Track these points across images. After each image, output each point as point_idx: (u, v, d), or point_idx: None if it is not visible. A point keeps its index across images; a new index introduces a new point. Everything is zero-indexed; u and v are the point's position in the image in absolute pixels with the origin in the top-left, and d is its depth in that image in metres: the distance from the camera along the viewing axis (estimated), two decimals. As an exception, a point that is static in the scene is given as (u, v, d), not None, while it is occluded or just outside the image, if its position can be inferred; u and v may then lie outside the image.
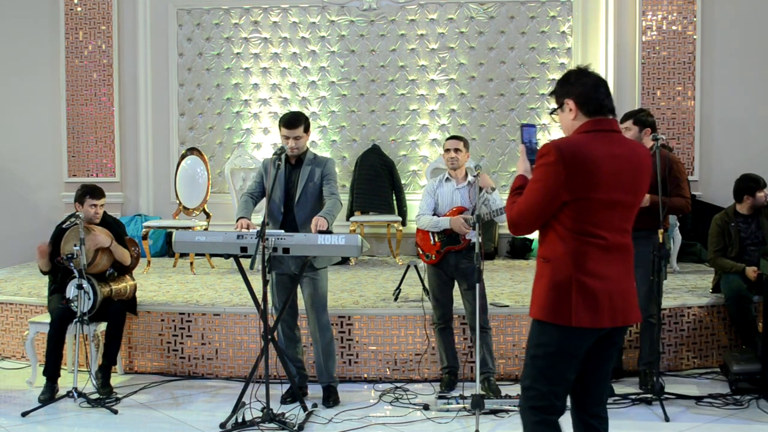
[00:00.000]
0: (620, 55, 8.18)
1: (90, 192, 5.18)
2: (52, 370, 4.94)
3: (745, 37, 8.05)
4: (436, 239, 5.08)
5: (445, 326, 5.15)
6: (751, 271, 5.42)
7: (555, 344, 2.83)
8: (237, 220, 4.77)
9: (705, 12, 8.05)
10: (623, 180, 2.82)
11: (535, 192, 2.81)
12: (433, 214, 5.15)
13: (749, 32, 8.05)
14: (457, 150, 5.07)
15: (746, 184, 5.68)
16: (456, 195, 5.08)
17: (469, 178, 5.09)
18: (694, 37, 8.05)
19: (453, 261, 5.01)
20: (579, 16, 8.30)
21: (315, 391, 4.97)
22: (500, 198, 4.97)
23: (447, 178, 5.15)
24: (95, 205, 5.17)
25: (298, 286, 4.86)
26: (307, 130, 4.87)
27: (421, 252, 5.21)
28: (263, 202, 4.87)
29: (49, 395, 4.88)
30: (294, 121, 4.83)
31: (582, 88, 2.86)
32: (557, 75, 8.33)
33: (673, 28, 8.08)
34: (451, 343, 5.17)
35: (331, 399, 4.85)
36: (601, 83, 2.89)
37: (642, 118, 4.93)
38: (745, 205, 5.68)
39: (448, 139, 5.22)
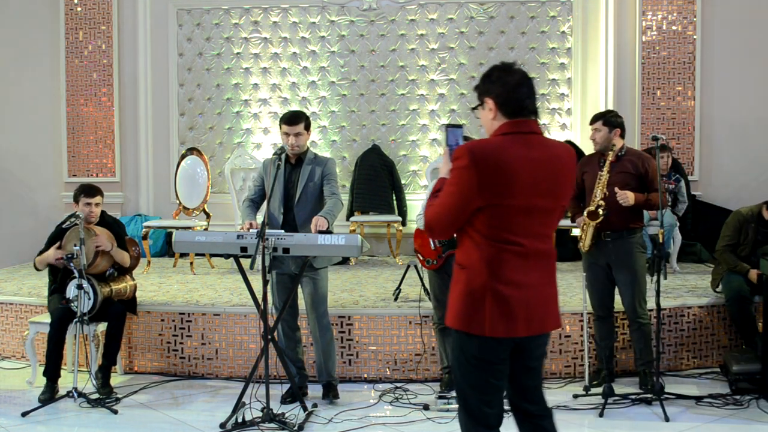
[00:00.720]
0: (620, 55, 8.18)
1: (84, 191, 5.17)
2: (52, 371, 4.94)
3: (745, 37, 8.05)
4: (437, 244, 5.05)
5: (445, 326, 5.12)
6: (754, 274, 5.40)
7: (474, 353, 2.75)
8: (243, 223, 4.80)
9: (705, 12, 8.04)
10: (541, 185, 2.72)
11: (450, 196, 2.71)
12: None
13: (749, 32, 8.05)
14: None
15: None
16: None
17: None
18: (694, 37, 8.05)
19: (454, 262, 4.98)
20: (579, 16, 8.30)
21: (315, 391, 4.98)
22: None
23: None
24: (89, 204, 5.14)
25: (299, 286, 4.86)
26: (307, 128, 4.88)
27: (421, 258, 5.12)
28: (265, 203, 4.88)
29: (49, 395, 4.87)
30: (295, 118, 4.85)
31: (503, 88, 2.75)
32: (557, 75, 8.34)
33: (673, 28, 8.08)
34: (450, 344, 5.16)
35: (330, 393, 4.86)
36: (524, 82, 2.77)
37: (611, 119, 4.99)
38: None
39: None
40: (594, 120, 5.04)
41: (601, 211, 4.82)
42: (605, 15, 8.22)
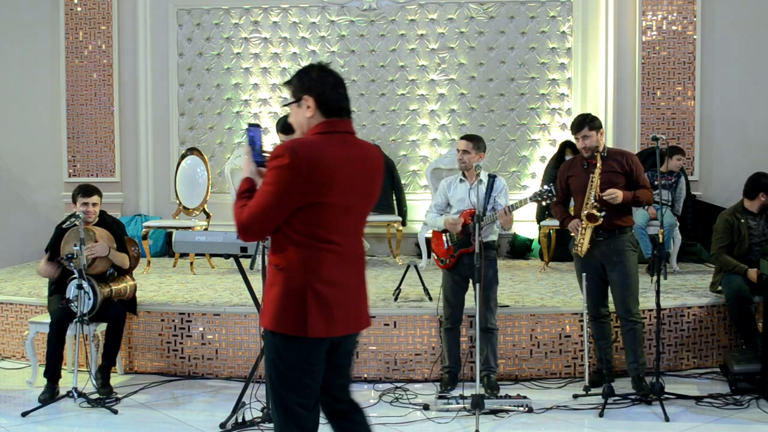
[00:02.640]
0: (620, 55, 8.18)
1: (82, 191, 5.16)
2: (52, 372, 4.94)
3: (745, 37, 8.05)
4: (449, 243, 5.07)
5: (451, 327, 5.13)
6: (753, 273, 5.41)
7: (296, 356, 2.70)
8: None
9: (705, 12, 8.04)
10: (358, 184, 2.76)
11: (269, 195, 2.64)
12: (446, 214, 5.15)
13: (749, 32, 8.05)
14: (464, 151, 5.03)
15: (765, 182, 5.62)
16: (471, 195, 4.97)
17: (481, 176, 5.06)
18: (694, 37, 8.05)
19: (467, 261, 4.98)
20: (579, 16, 8.30)
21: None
22: (506, 202, 4.95)
23: (461, 179, 5.10)
24: (87, 204, 5.13)
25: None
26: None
27: (436, 258, 5.19)
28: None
29: (49, 395, 4.87)
30: (289, 126, 4.79)
31: (323, 87, 2.78)
32: (557, 75, 8.34)
33: (673, 28, 8.08)
34: (456, 345, 5.16)
35: None
36: (341, 84, 2.83)
37: (595, 123, 4.98)
38: (756, 203, 5.62)
39: (460, 138, 5.21)
40: (579, 128, 4.94)
41: (598, 213, 4.81)
42: (605, 15, 8.22)
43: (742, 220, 5.59)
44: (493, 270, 5.00)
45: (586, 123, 4.94)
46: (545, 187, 4.79)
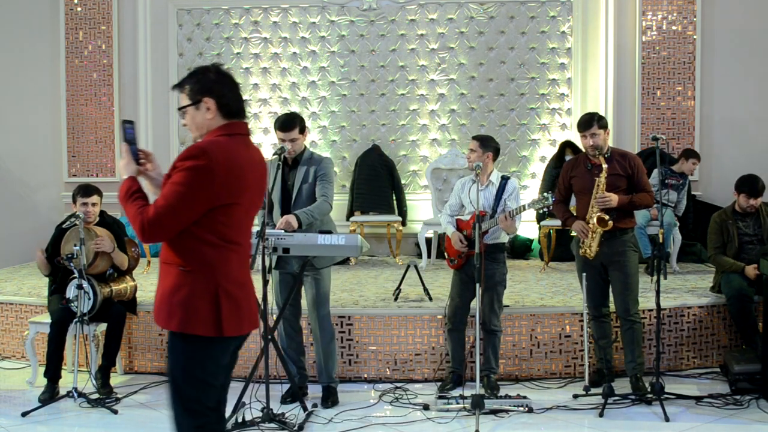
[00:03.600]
0: (620, 55, 8.18)
1: (81, 190, 5.17)
2: (53, 372, 4.94)
3: (745, 37, 8.05)
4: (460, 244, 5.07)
5: (453, 328, 5.13)
6: (751, 269, 5.43)
7: (207, 356, 2.70)
8: None
9: (705, 12, 8.04)
10: (258, 185, 2.83)
11: (181, 196, 2.59)
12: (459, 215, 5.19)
13: (749, 32, 8.05)
14: (471, 150, 5.05)
15: (738, 183, 5.67)
16: (481, 197, 4.91)
17: (492, 177, 5.06)
18: (694, 37, 8.05)
19: (477, 262, 4.96)
20: (579, 16, 8.30)
21: (315, 391, 4.97)
22: (517, 204, 4.94)
23: (473, 180, 5.04)
24: (86, 203, 5.13)
25: (301, 286, 4.87)
26: (302, 131, 4.82)
27: (447, 257, 5.22)
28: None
29: (49, 395, 4.87)
30: (288, 124, 4.79)
31: (223, 89, 2.76)
32: (557, 75, 8.34)
33: (673, 28, 8.08)
34: (460, 346, 5.15)
35: (329, 399, 4.85)
36: (237, 85, 2.81)
37: (603, 122, 4.99)
38: (739, 203, 5.68)
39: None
40: (587, 126, 4.91)
41: (607, 217, 4.80)
42: (605, 15, 8.22)
43: (730, 221, 5.63)
44: (501, 272, 4.99)
45: (594, 121, 4.93)
46: (544, 194, 4.80)
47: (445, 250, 5.24)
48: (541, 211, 4.91)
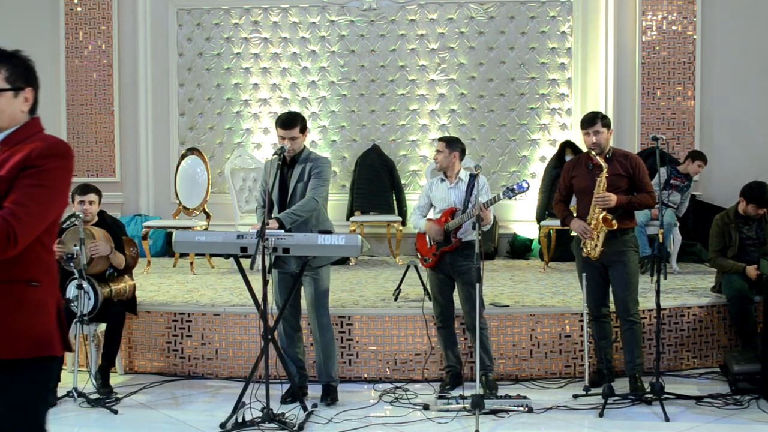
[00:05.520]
0: (620, 55, 8.18)
1: (79, 189, 5.16)
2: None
3: (745, 37, 8.05)
4: (431, 243, 5.12)
5: (442, 326, 5.16)
6: (752, 270, 5.43)
7: (52, 379, 2.41)
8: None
9: (705, 12, 8.05)
10: None
11: (48, 200, 2.28)
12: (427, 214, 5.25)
13: (749, 32, 8.05)
14: (438, 151, 5.16)
15: (745, 188, 5.66)
16: (451, 194, 5.10)
17: (461, 175, 5.11)
18: (694, 37, 8.05)
19: (449, 260, 5.04)
20: (579, 16, 8.30)
21: (315, 391, 4.97)
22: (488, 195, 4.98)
23: (442, 179, 5.20)
24: (83, 201, 5.12)
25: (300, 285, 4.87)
26: (303, 130, 4.83)
27: (420, 257, 5.29)
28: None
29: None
30: (290, 122, 4.80)
31: (37, 82, 2.46)
32: (557, 75, 8.34)
33: (673, 28, 8.08)
34: (451, 344, 5.17)
35: (329, 397, 4.85)
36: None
37: (607, 120, 4.99)
38: (742, 207, 5.68)
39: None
40: (590, 123, 4.91)
41: (610, 217, 4.80)
42: (605, 15, 8.22)
43: (732, 225, 5.62)
44: (475, 268, 4.99)
45: (598, 119, 4.94)
46: (518, 183, 4.91)
47: (417, 250, 5.30)
48: (516, 199, 4.98)
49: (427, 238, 5.15)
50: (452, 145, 5.15)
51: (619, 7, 8.16)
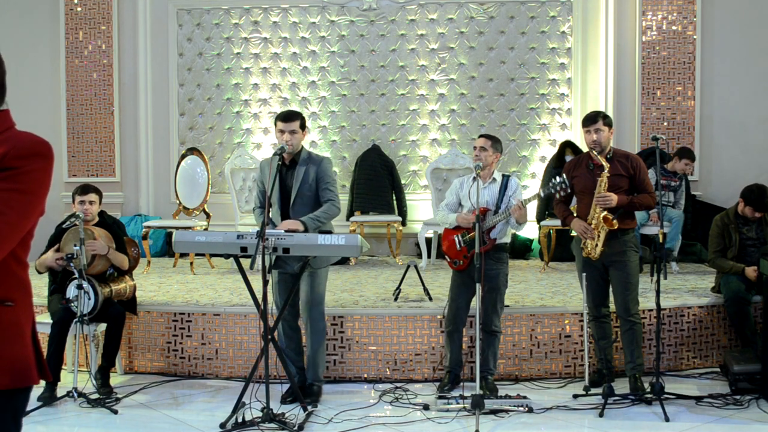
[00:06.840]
0: (620, 55, 8.18)
1: (79, 189, 5.17)
2: (53, 372, 4.93)
3: (745, 37, 8.06)
4: (462, 244, 5.03)
5: (454, 329, 5.11)
6: (751, 271, 5.43)
7: (23, 411, 2.07)
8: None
9: (705, 12, 8.05)
10: None
11: (27, 207, 1.97)
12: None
13: (749, 32, 8.05)
14: (482, 148, 5.01)
15: (745, 191, 5.65)
16: (484, 194, 4.95)
17: (495, 175, 5.06)
18: (694, 37, 8.05)
19: (479, 263, 4.95)
20: (579, 16, 8.30)
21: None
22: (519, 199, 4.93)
23: (474, 177, 5.02)
24: (83, 201, 5.13)
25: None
26: (303, 127, 4.85)
27: (449, 260, 5.14)
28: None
29: (49, 395, 4.87)
30: (291, 116, 4.84)
31: (4, 74, 2.22)
32: (557, 75, 8.35)
33: (673, 28, 8.08)
34: (458, 349, 5.14)
35: (310, 398, 4.80)
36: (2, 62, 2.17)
37: (608, 119, 4.99)
38: (741, 209, 5.68)
39: (479, 136, 5.22)
40: (592, 121, 4.92)
41: (611, 217, 4.80)
42: (605, 15, 8.22)
43: (732, 226, 5.62)
44: (503, 273, 4.99)
45: (600, 117, 4.95)
46: (558, 178, 4.82)
47: (445, 252, 5.15)
48: (558, 195, 4.91)
49: (456, 240, 5.04)
50: (497, 145, 5.06)
51: (619, 7, 8.17)
